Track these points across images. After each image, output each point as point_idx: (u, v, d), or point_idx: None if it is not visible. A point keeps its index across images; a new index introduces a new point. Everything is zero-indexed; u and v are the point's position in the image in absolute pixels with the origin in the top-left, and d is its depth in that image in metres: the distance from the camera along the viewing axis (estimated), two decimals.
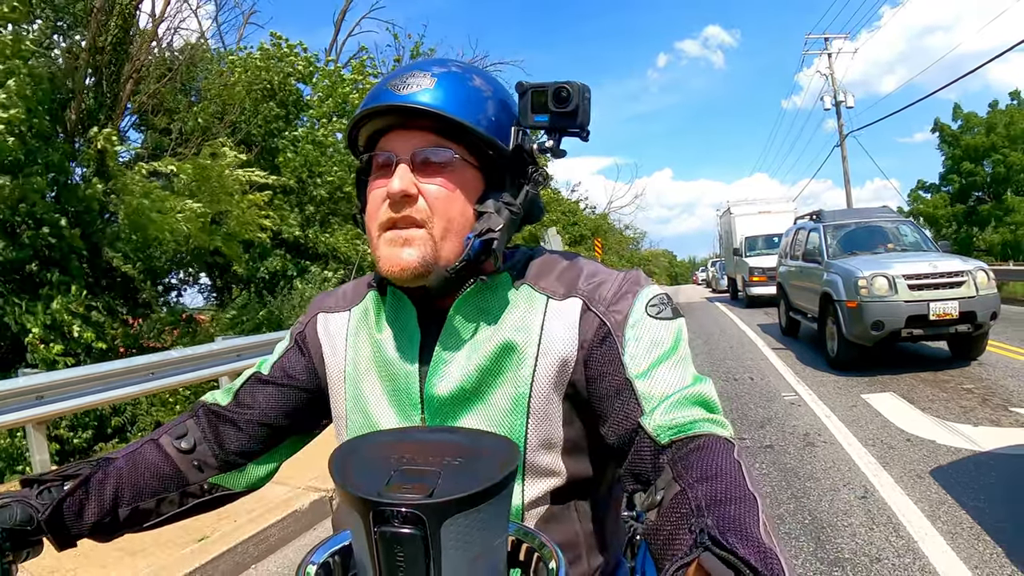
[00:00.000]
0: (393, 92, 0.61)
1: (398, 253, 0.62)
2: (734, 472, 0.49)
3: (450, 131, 0.62)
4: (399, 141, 0.63)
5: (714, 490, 0.47)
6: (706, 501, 0.46)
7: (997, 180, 19.49)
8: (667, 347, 0.62)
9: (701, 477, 0.49)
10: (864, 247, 6.48)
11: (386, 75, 0.67)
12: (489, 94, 0.65)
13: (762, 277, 12.58)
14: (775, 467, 3.36)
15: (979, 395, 4.47)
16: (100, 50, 5.55)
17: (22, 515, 0.63)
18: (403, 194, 0.61)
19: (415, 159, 0.62)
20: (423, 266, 0.62)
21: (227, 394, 0.76)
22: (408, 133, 0.63)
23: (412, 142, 0.63)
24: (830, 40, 19.18)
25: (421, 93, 0.61)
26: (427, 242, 0.62)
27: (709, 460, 0.51)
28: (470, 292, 0.65)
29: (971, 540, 2.39)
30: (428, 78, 0.62)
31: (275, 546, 2.83)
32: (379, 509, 0.38)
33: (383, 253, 0.63)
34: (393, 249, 0.62)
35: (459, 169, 0.64)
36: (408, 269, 0.62)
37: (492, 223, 0.63)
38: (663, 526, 0.48)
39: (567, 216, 24.99)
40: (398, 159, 0.62)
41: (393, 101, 0.61)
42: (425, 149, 0.62)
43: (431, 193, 0.62)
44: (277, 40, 9.91)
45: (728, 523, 0.43)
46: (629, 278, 0.67)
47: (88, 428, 4.85)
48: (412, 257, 0.62)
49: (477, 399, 0.64)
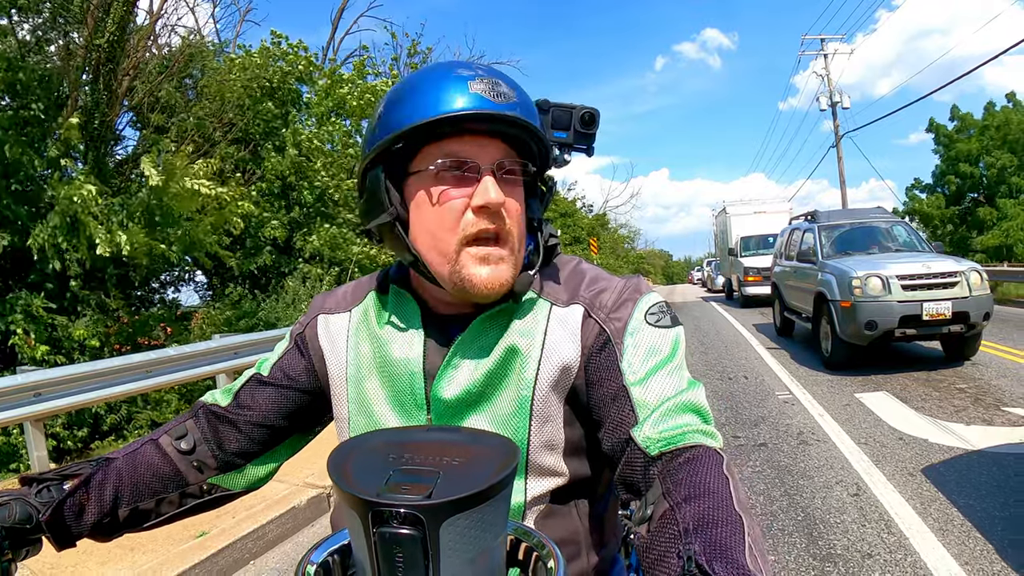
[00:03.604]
0: (487, 99, 0.59)
1: (495, 271, 0.62)
2: (721, 490, 0.50)
3: (521, 146, 0.64)
4: (474, 148, 0.61)
5: (701, 511, 0.48)
6: (693, 524, 0.47)
7: (991, 182, 19.58)
8: (664, 355, 0.62)
9: (689, 496, 0.50)
10: (858, 247, 6.51)
11: (437, 71, 0.62)
12: (537, 111, 0.67)
13: (757, 277, 12.62)
14: (769, 465, 3.38)
15: (972, 395, 4.50)
16: (97, 47, 5.50)
17: (21, 514, 0.63)
18: (502, 204, 0.61)
19: (497, 170, 0.62)
20: (514, 279, 0.64)
21: (227, 395, 0.76)
22: (484, 140, 0.61)
23: (493, 152, 0.62)
24: (826, 41, 19.23)
25: (515, 106, 0.60)
26: (512, 257, 0.64)
27: (698, 477, 0.52)
28: (503, 307, 0.67)
29: (962, 536, 2.41)
30: (510, 89, 0.61)
31: (273, 542, 2.84)
32: (378, 510, 0.39)
33: (475, 271, 0.62)
34: (488, 267, 0.62)
35: (520, 182, 0.66)
36: (506, 285, 0.63)
37: (551, 230, 0.67)
38: (653, 544, 0.49)
39: (565, 217, 24.98)
40: (484, 169, 0.61)
41: (496, 111, 0.59)
42: (506, 160, 0.63)
43: (509, 207, 0.63)
44: (277, 38, 9.84)
45: (714, 549, 0.44)
46: (629, 285, 0.68)
47: (83, 426, 4.83)
48: (506, 275, 0.63)
49: (482, 401, 0.65)
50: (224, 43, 11.31)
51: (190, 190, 5.82)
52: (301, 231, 9.20)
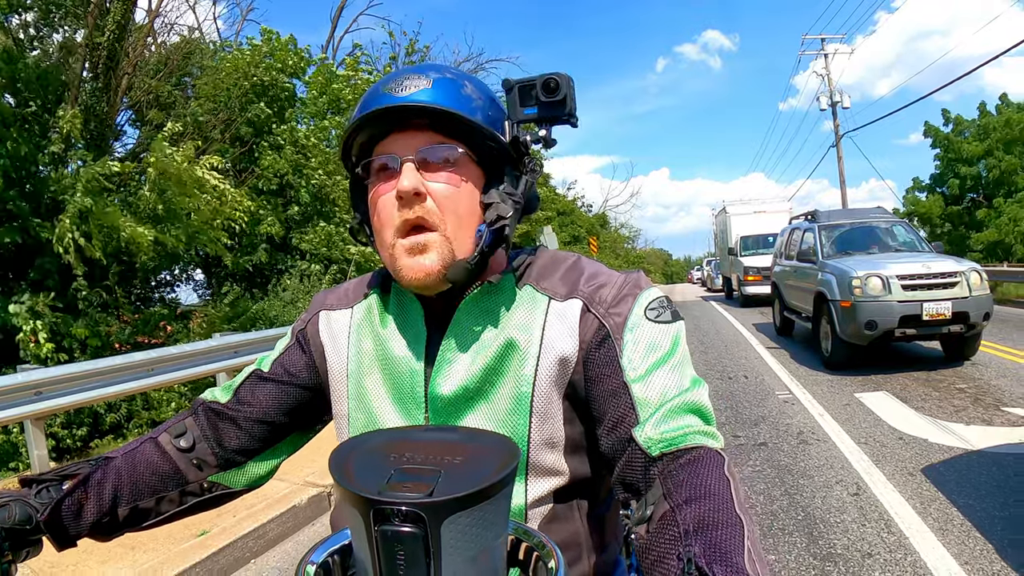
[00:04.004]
0: (391, 95, 0.62)
1: (419, 261, 0.62)
2: (722, 491, 0.50)
3: (449, 129, 0.63)
4: (400, 143, 0.63)
5: (702, 513, 0.48)
6: (694, 525, 0.47)
7: (989, 183, 19.60)
8: (665, 351, 0.62)
9: (690, 497, 0.50)
10: (858, 247, 6.51)
11: (377, 80, 0.67)
12: (481, 93, 0.66)
13: (757, 276, 12.62)
14: (769, 464, 3.38)
15: (971, 395, 4.51)
16: (96, 45, 5.49)
17: (21, 515, 0.63)
18: (414, 191, 0.61)
19: (419, 158, 0.63)
20: (444, 268, 0.63)
21: (227, 392, 0.76)
22: (408, 134, 0.63)
23: (413, 142, 0.63)
24: (827, 41, 19.23)
25: (420, 93, 0.61)
26: (443, 244, 0.63)
27: (698, 478, 0.51)
28: (476, 293, 0.66)
29: (961, 536, 2.41)
30: (424, 79, 0.63)
31: (274, 541, 2.84)
32: (379, 508, 0.38)
33: (403, 263, 0.63)
34: (413, 258, 0.63)
35: (462, 165, 0.64)
36: (432, 275, 0.62)
37: (501, 211, 0.65)
38: (653, 545, 0.49)
39: (564, 217, 24.98)
40: (403, 160, 0.62)
41: (393, 103, 0.61)
42: (429, 147, 0.63)
43: (438, 192, 0.63)
44: (268, 35, 9.80)
45: (714, 551, 0.44)
46: (629, 280, 0.67)
47: (83, 425, 4.83)
48: (433, 263, 0.62)
49: (481, 398, 0.65)
50: (225, 43, 11.28)
51: (198, 179, 5.83)
52: (298, 229, 9.19)
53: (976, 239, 18.67)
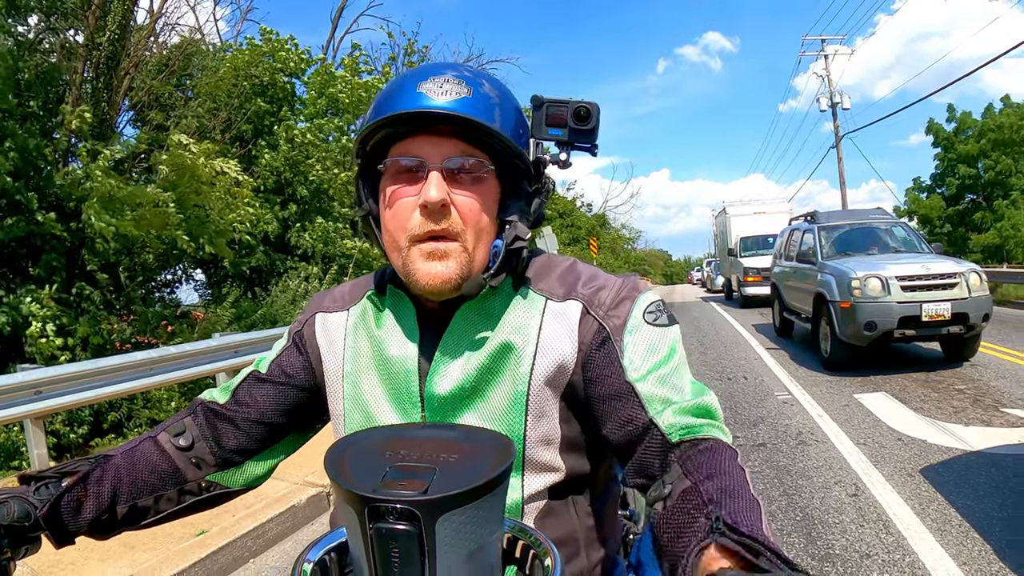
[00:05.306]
0: (430, 98, 0.59)
1: (437, 268, 0.62)
2: (739, 475, 0.51)
3: (476, 140, 0.62)
4: (427, 147, 0.62)
5: (724, 485, 0.49)
6: (717, 495, 0.48)
7: (988, 184, 19.60)
8: (664, 353, 0.63)
9: (710, 474, 0.51)
10: (858, 248, 6.51)
11: (404, 74, 0.64)
12: (511, 106, 0.65)
13: (757, 277, 12.62)
14: (768, 464, 3.38)
15: (970, 396, 4.51)
16: (97, 45, 5.50)
17: (19, 512, 0.62)
18: (441, 203, 0.60)
19: (445, 167, 0.62)
20: (461, 278, 0.63)
21: (225, 392, 0.76)
22: (436, 139, 0.62)
23: (442, 149, 0.61)
24: (827, 42, 19.23)
25: (461, 103, 0.60)
26: (462, 254, 0.63)
27: (716, 462, 0.53)
28: (478, 297, 0.67)
29: (960, 537, 2.42)
30: (465, 86, 0.61)
31: (273, 540, 2.84)
32: (374, 505, 0.39)
33: (419, 267, 0.62)
34: (432, 264, 0.62)
35: (485, 178, 0.64)
36: (449, 283, 0.62)
37: (520, 232, 0.65)
38: (673, 517, 0.50)
39: (564, 217, 24.98)
40: (430, 166, 0.61)
41: (433, 108, 0.59)
42: (458, 158, 0.62)
43: (463, 204, 0.62)
44: (267, 35, 9.80)
45: (739, 515, 0.45)
46: (627, 284, 0.68)
47: (84, 424, 4.83)
48: (451, 271, 0.62)
49: (477, 397, 0.65)
50: (226, 44, 11.27)
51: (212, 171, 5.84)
52: (295, 227, 9.18)
53: (976, 240, 18.67)
